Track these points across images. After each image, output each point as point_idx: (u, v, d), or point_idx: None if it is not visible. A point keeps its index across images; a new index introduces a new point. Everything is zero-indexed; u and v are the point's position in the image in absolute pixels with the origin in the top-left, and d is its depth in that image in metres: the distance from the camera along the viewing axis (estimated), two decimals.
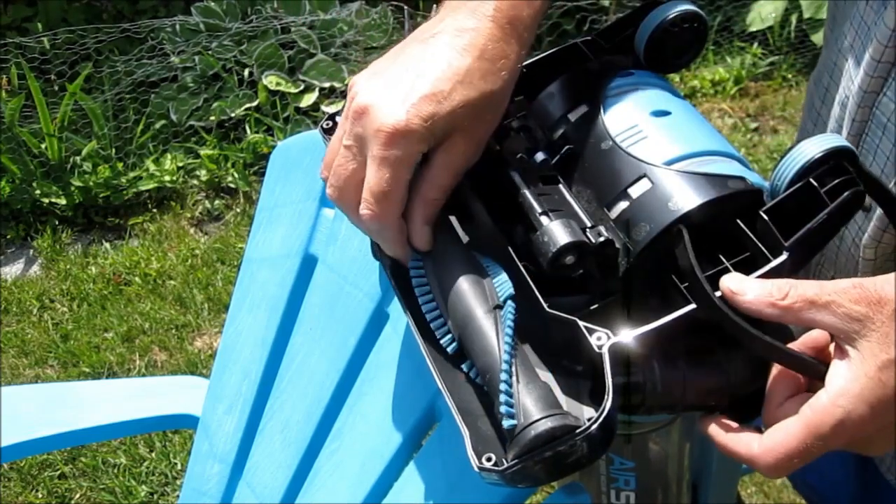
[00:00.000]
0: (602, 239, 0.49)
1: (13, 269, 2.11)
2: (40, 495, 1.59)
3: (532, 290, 0.48)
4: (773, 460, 0.44)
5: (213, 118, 2.28)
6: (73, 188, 2.17)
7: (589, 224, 0.50)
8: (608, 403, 0.42)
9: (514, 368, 0.46)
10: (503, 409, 0.44)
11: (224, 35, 2.34)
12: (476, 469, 0.44)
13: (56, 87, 2.33)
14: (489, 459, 0.44)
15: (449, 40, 0.50)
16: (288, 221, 0.79)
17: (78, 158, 2.20)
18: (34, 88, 2.15)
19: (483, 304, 0.49)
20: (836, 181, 0.48)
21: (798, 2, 2.41)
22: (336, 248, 0.75)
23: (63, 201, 2.16)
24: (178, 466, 1.60)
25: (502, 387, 0.45)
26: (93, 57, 2.34)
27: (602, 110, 0.54)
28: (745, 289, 0.45)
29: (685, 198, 0.48)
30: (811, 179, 0.48)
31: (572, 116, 0.55)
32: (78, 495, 1.58)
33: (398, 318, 0.69)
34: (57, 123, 2.20)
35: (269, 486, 0.74)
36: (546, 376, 0.48)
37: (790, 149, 0.50)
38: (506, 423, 0.44)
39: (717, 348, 0.50)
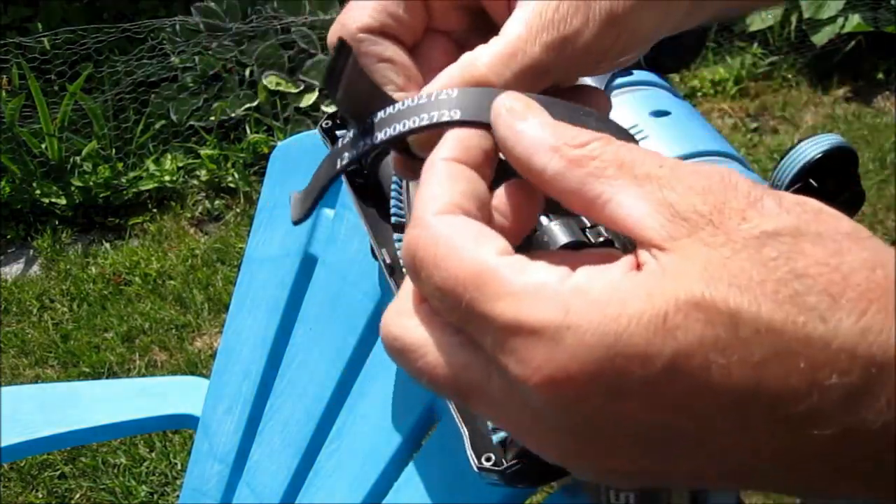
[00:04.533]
0: (602, 239, 0.49)
1: (13, 269, 2.11)
2: (40, 495, 1.59)
3: None
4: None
5: (213, 118, 2.28)
6: (73, 188, 2.17)
7: (588, 224, 0.50)
8: None
9: None
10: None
11: (224, 35, 2.34)
12: (475, 469, 0.44)
13: (56, 87, 2.32)
14: (489, 459, 0.43)
15: None
16: (288, 221, 0.79)
17: (78, 158, 2.20)
18: (34, 88, 2.15)
19: None
20: (836, 181, 0.48)
21: (798, 2, 2.41)
22: (336, 248, 0.75)
23: (63, 201, 2.16)
24: (178, 466, 1.60)
25: None
26: (93, 57, 2.34)
27: None
28: (528, 113, 0.29)
29: None
30: (811, 179, 0.48)
31: None
32: (78, 495, 1.58)
33: None
34: (57, 123, 2.20)
35: (269, 486, 0.74)
36: None
37: (790, 149, 0.50)
38: (495, 436, 0.44)
39: None
